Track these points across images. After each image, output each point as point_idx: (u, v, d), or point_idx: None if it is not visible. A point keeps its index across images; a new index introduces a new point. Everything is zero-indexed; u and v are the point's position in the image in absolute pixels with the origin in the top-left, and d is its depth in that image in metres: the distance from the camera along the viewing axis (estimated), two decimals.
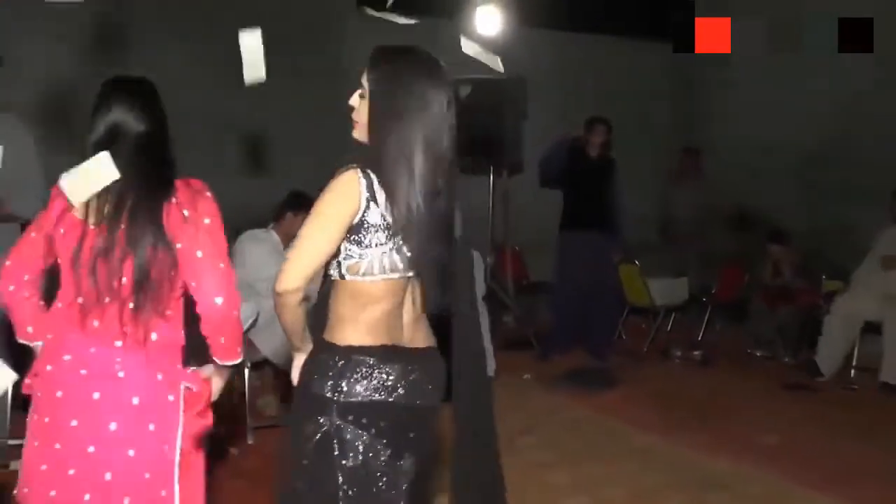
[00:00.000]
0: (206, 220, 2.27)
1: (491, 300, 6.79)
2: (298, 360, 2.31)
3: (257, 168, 7.93)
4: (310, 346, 2.26)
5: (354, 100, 2.29)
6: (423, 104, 2.19)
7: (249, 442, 5.06)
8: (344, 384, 2.12)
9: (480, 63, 2.69)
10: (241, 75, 2.42)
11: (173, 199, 2.25)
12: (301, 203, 5.55)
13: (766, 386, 6.56)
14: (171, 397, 2.25)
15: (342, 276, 2.16)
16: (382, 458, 2.17)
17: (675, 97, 10.22)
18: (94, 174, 1.90)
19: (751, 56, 8.63)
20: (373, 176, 2.12)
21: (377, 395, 2.14)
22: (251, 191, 7.39)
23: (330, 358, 2.15)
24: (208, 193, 2.30)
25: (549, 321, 7.43)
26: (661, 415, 5.69)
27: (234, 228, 5.75)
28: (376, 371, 2.15)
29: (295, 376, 2.31)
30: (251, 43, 2.18)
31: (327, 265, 2.18)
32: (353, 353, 2.14)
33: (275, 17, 8.36)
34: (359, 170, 2.13)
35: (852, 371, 6.82)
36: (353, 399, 2.13)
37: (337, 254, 2.14)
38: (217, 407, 2.46)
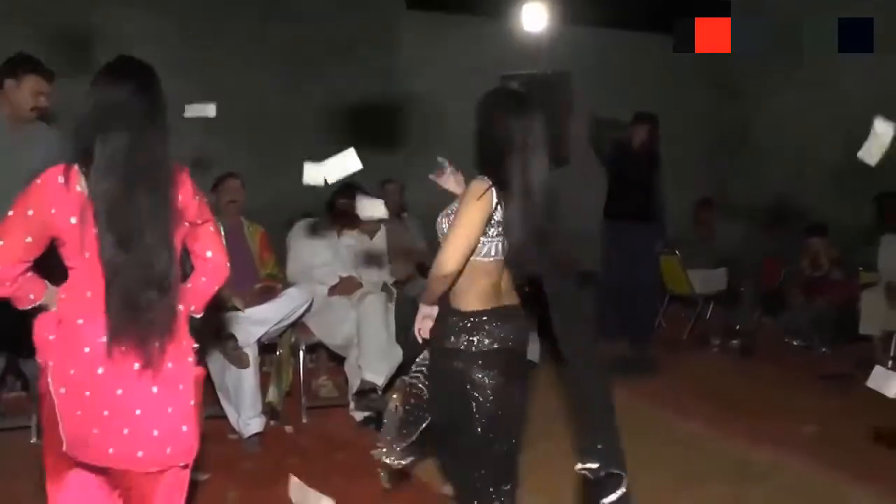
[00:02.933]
0: (196, 198, 2.55)
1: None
2: (424, 311, 3.02)
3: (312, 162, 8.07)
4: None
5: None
6: (508, 133, 2.86)
7: (304, 421, 5.26)
8: (474, 338, 2.86)
9: (526, 59, 3.05)
10: (298, 76, 2.67)
11: (179, 189, 2.45)
12: (351, 192, 5.73)
13: (803, 376, 6.63)
14: (169, 365, 2.45)
15: (473, 257, 2.86)
16: (506, 392, 2.89)
17: (715, 92, 10.26)
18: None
19: (788, 56, 8.68)
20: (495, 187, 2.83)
21: (496, 344, 2.86)
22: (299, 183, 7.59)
23: (460, 320, 2.88)
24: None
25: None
26: (701, 403, 5.79)
27: (288, 218, 5.98)
28: (491, 327, 2.86)
29: (419, 321, 3.04)
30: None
31: None
32: (474, 316, 2.87)
33: (327, 20, 8.55)
34: (485, 181, 2.82)
35: (889, 362, 6.81)
36: (480, 349, 2.85)
37: None
38: None
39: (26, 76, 4.09)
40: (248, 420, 4.81)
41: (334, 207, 5.70)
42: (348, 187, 5.74)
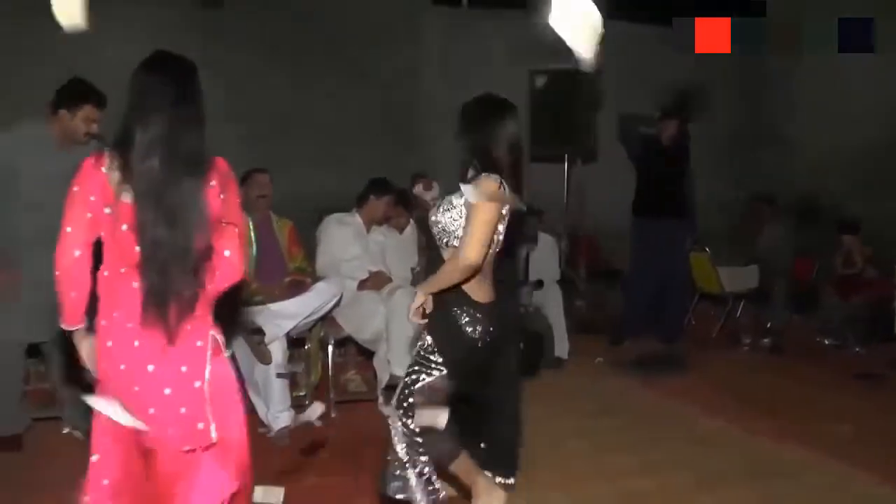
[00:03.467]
0: (237, 199, 2.62)
1: (564, 285, 6.95)
2: (420, 299, 3.19)
3: (336, 158, 8.15)
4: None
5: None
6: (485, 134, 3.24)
7: (332, 416, 5.29)
8: (479, 327, 3.17)
9: (554, 54, 3.12)
10: (323, 73, 2.74)
11: (212, 181, 2.51)
12: (382, 188, 5.77)
13: (836, 375, 6.56)
14: (199, 343, 2.53)
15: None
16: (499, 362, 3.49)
17: (745, 88, 10.18)
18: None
19: (820, 51, 8.60)
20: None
21: (486, 336, 3.20)
22: (331, 179, 7.65)
23: (470, 308, 3.15)
24: (232, 174, 2.59)
25: (621, 307, 7.55)
26: (730, 401, 5.74)
27: (317, 213, 6.01)
28: (488, 319, 3.19)
29: (415, 307, 3.20)
30: None
31: (450, 240, 3.18)
32: (481, 306, 3.17)
33: (352, 16, 8.58)
34: (496, 178, 3.10)
35: None
36: (475, 337, 3.17)
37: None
38: None
39: (81, 107, 4.20)
40: (276, 414, 4.84)
41: (365, 202, 5.73)
42: (381, 183, 5.77)
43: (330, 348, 5.41)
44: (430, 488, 3.34)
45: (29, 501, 3.92)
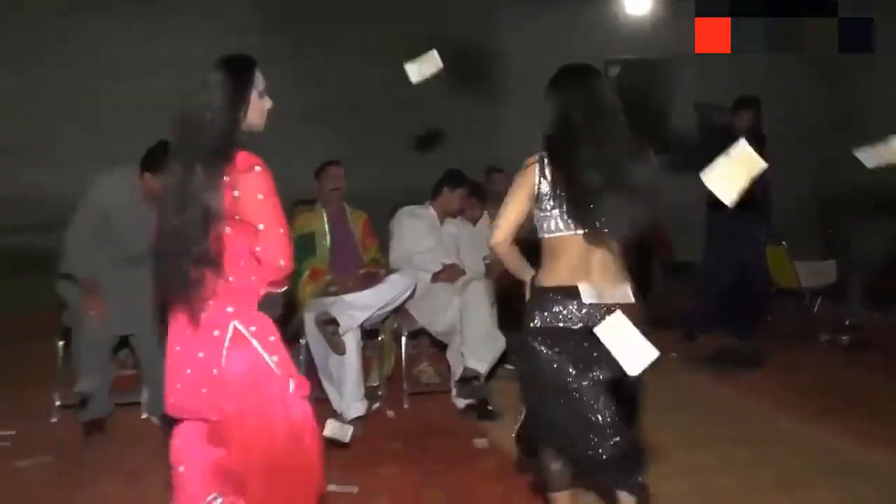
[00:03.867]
0: (259, 196, 2.57)
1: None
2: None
3: (412, 151, 8.18)
4: (531, 274, 3.01)
5: None
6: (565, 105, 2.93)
7: (405, 406, 5.32)
8: (536, 314, 2.90)
9: (629, 44, 3.04)
10: (393, 65, 2.74)
11: (226, 178, 2.54)
12: (456, 180, 5.77)
13: None
14: (215, 332, 2.60)
15: (539, 235, 2.94)
16: (570, 372, 2.86)
17: (823, 78, 9.95)
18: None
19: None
20: (546, 160, 2.91)
21: (556, 322, 2.87)
22: (409, 171, 7.68)
23: (534, 296, 2.94)
24: (258, 169, 2.58)
25: (695, 301, 7.43)
26: (808, 399, 5.62)
27: (392, 204, 6.04)
28: (555, 304, 2.86)
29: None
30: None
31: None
32: (541, 292, 2.91)
33: (423, 9, 8.59)
34: (538, 155, 2.93)
35: None
36: (538, 325, 2.89)
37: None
38: None
39: (162, 171, 4.37)
40: (350, 403, 4.87)
41: (438, 195, 5.73)
42: (455, 175, 5.78)
43: (403, 340, 5.43)
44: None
45: (108, 481, 4.06)
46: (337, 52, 8.37)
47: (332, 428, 3.46)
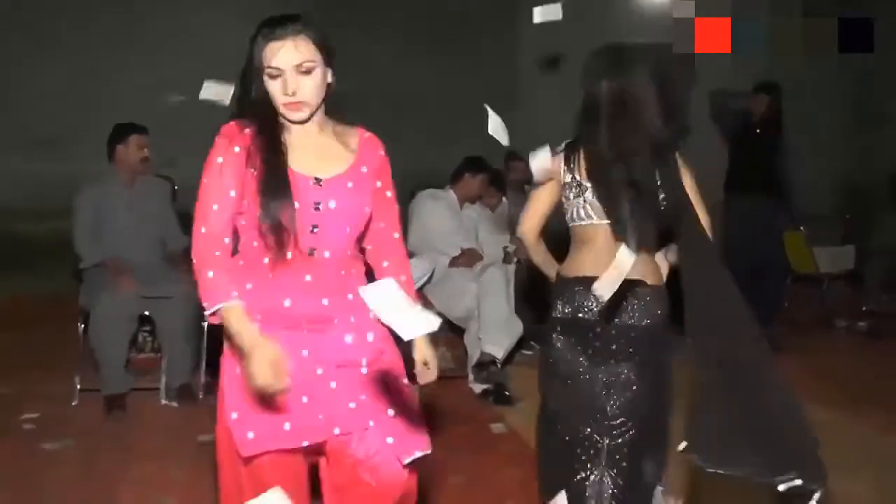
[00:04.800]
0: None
1: None
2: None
3: (435, 136, 8.20)
4: (555, 270, 2.95)
5: None
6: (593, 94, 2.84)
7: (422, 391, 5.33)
8: (558, 304, 2.84)
9: (649, 30, 3.00)
10: (417, 51, 2.70)
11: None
12: (477, 166, 5.77)
13: None
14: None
15: (568, 223, 2.87)
16: (581, 362, 2.79)
17: (847, 65, 9.86)
18: None
19: None
20: (573, 148, 2.83)
21: (576, 313, 2.78)
22: (429, 157, 7.69)
23: (558, 286, 2.87)
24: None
25: None
26: (827, 387, 5.56)
27: (410, 189, 6.04)
28: (577, 295, 2.78)
29: None
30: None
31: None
32: (564, 282, 2.84)
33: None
34: (564, 143, 2.86)
35: None
36: (558, 315, 2.83)
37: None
38: None
39: (130, 137, 5.04)
40: None
41: (459, 179, 5.74)
42: (476, 161, 5.78)
43: None
44: None
45: (136, 465, 4.10)
46: (357, 39, 8.35)
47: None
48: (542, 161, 2.82)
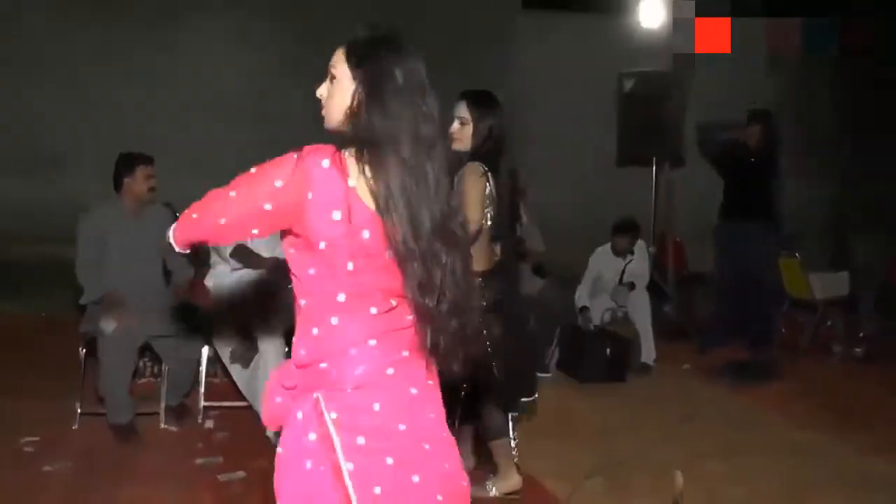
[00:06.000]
0: None
1: (652, 290, 6.91)
2: None
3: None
4: None
5: None
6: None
7: None
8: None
9: (643, 56, 3.05)
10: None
11: None
12: None
13: None
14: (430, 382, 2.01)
15: None
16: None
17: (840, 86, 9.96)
18: None
19: None
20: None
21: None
22: None
23: None
24: None
25: (709, 313, 7.45)
26: (822, 411, 5.63)
27: None
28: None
29: None
30: None
31: None
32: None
33: (439, 20, 8.65)
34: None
35: None
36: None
37: None
38: None
39: (137, 168, 4.94)
40: None
41: None
42: None
43: None
44: None
45: (136, 488, 4.12)
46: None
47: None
48: None
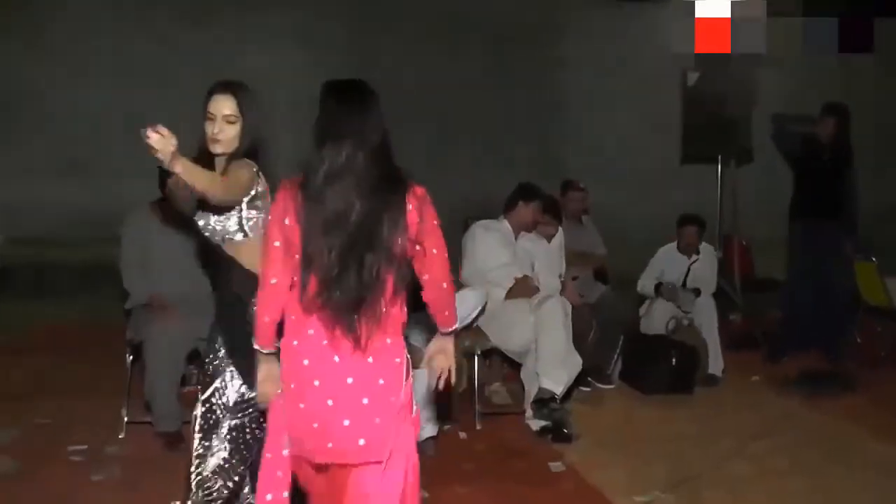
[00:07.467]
0: (435, 222, 2.65)
1: (718, 296, 6.62)
2: None
3: (485, 162, 8.14)
4: None
5: None
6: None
7: (478, 427, 5.17)
8: None
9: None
10: (469, 70, 2.62)
11: (409, 206, 2.58)
12: (532, 193, 5.61)
13: None
14: (397, 360, 2.60)
15: None
16: None
17: None
18: None
19: None
20: None
21: None
22: (480, 184, 7.59)
23: None
24: (429, 198, 2.65)
25: (779, 320, 7.13)
26: None
27: (463, 219, 5.91)
28: None
29: None
30: None
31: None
32: None
33: (506, 12, 8.54)
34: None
35: None
36: None
37: None
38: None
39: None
40: (422, 423, 4.73)
41: (513, 208, 5.58)
42: (529, 188, 5.63)
43: (476, 359, 5.28)
44: None
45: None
46: (406, 63, 8.32)
47: None
48: None
